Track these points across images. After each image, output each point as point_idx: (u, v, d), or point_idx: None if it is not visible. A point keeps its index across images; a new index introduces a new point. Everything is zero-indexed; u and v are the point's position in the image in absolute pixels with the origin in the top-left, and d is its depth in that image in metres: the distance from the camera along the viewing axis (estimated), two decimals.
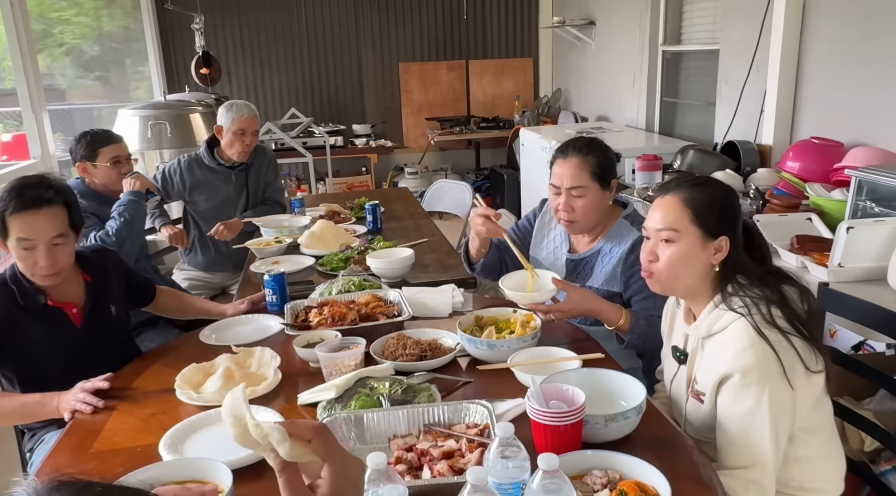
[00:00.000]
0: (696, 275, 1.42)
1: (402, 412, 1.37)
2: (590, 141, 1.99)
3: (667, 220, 1.42)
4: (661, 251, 1.43)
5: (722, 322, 1.37)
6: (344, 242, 2.66)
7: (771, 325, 1.30)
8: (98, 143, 2.58)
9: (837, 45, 3.04)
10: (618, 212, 2.05)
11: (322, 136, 5.76)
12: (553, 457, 0.93)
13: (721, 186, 1.45)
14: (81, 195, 2.51)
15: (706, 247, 1.40)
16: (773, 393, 1.27)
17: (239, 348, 1.74)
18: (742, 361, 1.29)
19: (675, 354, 1.52)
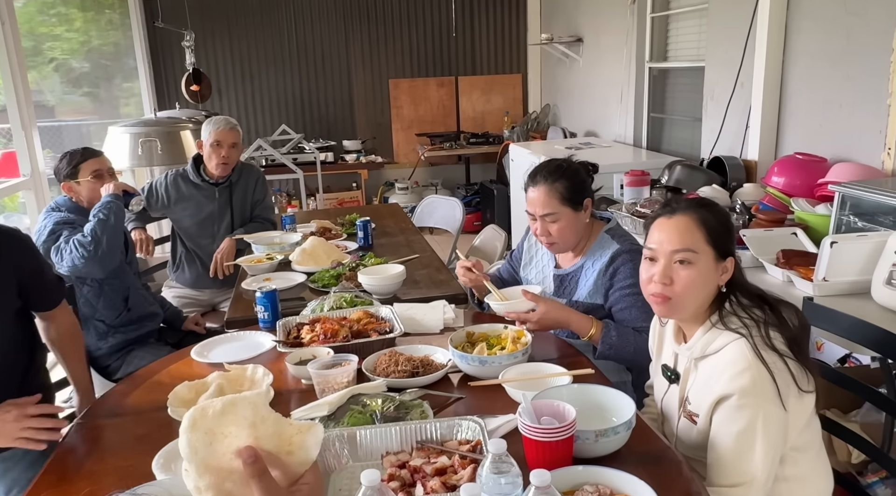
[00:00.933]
0: (707, 298, 1.41)
1: (395, 429, 1.38)
2: (556, 166, 1.99)
3: (683, 241, 1.38)
4: (676, 274, 1.39)
5: (718, 342, 1.37)
6: (335, 259, 2.67)
7: (769, 348, 1.31)
8: (78, 160, 2.58)
9: (819, 62, 3.10)
10: (600, 226, 2.08)
11: (312, 152, 5.79)
12: (545, 473, 0.95)
13: (721, 207, 1.48)
14: (69, 211, 2.52)
15: (717, 268, 1.40)
16: (767, 415, 1.28)
17: (231, 366, 1.74)
18: (739, 382, 1.29)
19: (665, 373, 1.53)
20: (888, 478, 2.05)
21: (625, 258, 1.95)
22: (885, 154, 2.75)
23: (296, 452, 0.84)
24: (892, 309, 1.98)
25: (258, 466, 0.80)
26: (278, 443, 0.83)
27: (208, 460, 0.80)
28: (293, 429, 0.84)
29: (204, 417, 0.81)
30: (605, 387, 1.45)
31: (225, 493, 0.81)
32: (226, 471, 0.81)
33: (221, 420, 0.81)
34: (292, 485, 0.84)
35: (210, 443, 0.80)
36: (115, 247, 2.50)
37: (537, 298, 1.83)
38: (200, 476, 0.80)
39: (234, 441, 0.81)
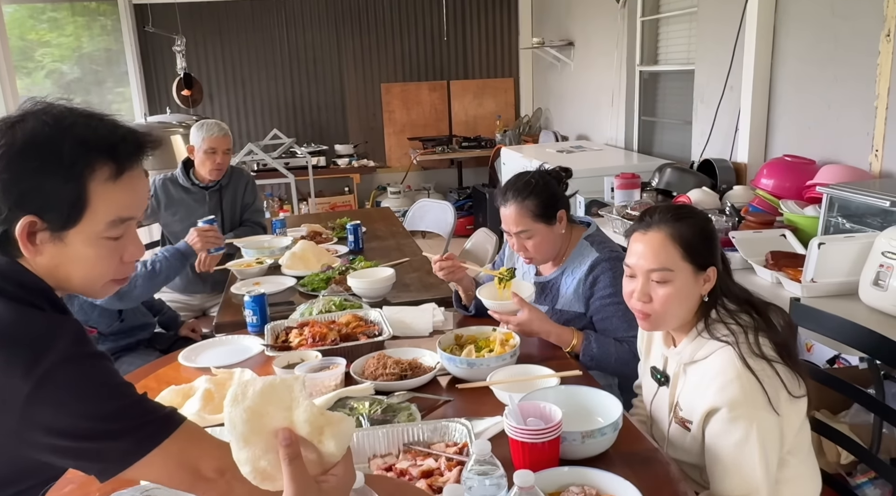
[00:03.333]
0: (690, 310, 1.41)
1: (382, 431, 1.38)
2: (525, 183, 1.95)
3: (658, 260, 1.38)
4: (654, 292, 1.39)
5: (705, 349, 1.36)
6: (325, 263, 2.67)
7: (757, 356, 1.30)
8: None
9: (807, 65, 3.12)
10: (580, 232, 2.05)
11: (304, 156, 5.78)
12: (528, 474, 0.94)
13: (699, 214, 1.44)
14: None
15: (697, 280, 1.39)
16: (761, 424, 1.27)
17: (218, 370, 1.74)
18: (728, 394, 1.28)
19: (654, 375, 1.53)
20: (877, 478, 2.05)
21: (604, 266, 1.92)
22: (873, 156, 2.76)
23: (326, 443, 0.85)
24: (879, 309, 1.99)
25: (292, 450, 0.82)
26: (310, 431, 0.85)
27: (247, 435, 0.84)
28: (324, 419, 0.86)
29: (245, 395, 0.85)
30: (591, 388, 1.45)
31: (260, 471, 0.84)
32: (261, 450, 0.84)
33: (260, 399, 0.85)
34: (322, 474, 0.86)
35: (248, 420, 0.84)
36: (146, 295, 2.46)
37: (523, 303, 1.82)
38: (240, 449, 0.84)
39: (270, 421, 0.85)
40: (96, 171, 0.97)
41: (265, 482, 0.85)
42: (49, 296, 1.00)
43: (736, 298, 1.40)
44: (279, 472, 0.83)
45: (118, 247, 1.02)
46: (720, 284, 1.40)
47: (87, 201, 0.97)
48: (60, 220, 0.96)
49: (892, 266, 1.95)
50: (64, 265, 0.99)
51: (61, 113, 0.98)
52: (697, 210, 1.47)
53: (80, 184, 0.96)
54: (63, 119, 0.97)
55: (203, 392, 1.60)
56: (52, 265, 0.99)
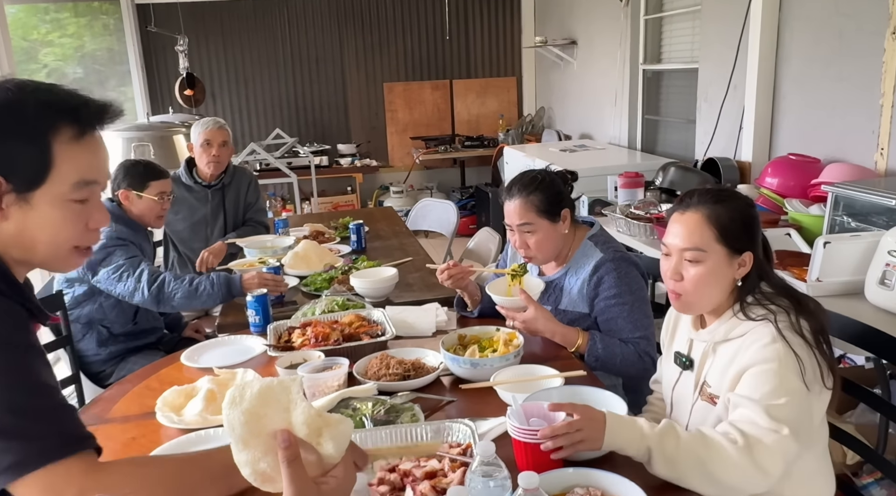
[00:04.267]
0: (722, 293, 1.40)
1: (385, 432, 1.37)
2: (532, 178, 1.95)
3: (692, 240, 1.37)
4: (686, 271, 1.39)
5: (741, 329, 1.35)
6: (328, 262, 2.66)
7: (795, 332, 1.29)
8: (152, 176, 2.55)
9: (812, 64, 3.11)
10: (584, 233, 2.03)
11: (307, 156, 5.77)
12: (533, 476, 0.93)
13: (741, 198, 1.42)
14: (116, 219, 2.46)
15: (731, 263, 1.38)
16: (792, 386, 1.25)
17: (221, 370, 1.73)
18: (764, 353, 1.27)
19: (678, 360, 1.51)
20: (883, 479, 2.04)
21: (609, 267, 1.90)
22: (878, 154, 2.75)
23: (324, 444, 0.85)
24: (885, 309, 1.98)
25: (291, 451, 0.82)
26: (308, 433, 0.85)
27: (245, 437, 0.84)
28: (322, 421, 0.86)
29: (242, 397, 0.85)
30: (596, 388, 1.44)
31: (259, 472, 0.85)
32: (261, 452, 0.84)
33: (258, 401, 0.85)
34: (321, 475, 0.86)
35: (246, 423, 0.84)
36: (181, 309, 2.47)
37: (530, 301, 1.81)
38: (240, 451, 0.85)
39: (269, 423, 0.85)
40: (59, 131, 0.99)
41: (265, 484, 0.85)
42: (4, 275, 1.00)
43: (774, 285, 1.37)
44: (279, 474, 0.83)
45: (83, 211, 1.03)
46: (758, 270, 1.38)
47: (51, 161, 0.98)
48: (26, 180, 0.97)
49: None
50: (30, 230, 0.99)
51: (23, 82, 1.01)
52: (740, 194, 1.43)
53: (43, 144, 0.97)
54: (25, 86, 0.99)
55: (206, 392, 1.59)
56: (18, 231, 0.99)
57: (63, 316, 2.31)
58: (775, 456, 1.22)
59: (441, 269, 2.05)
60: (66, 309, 2.35)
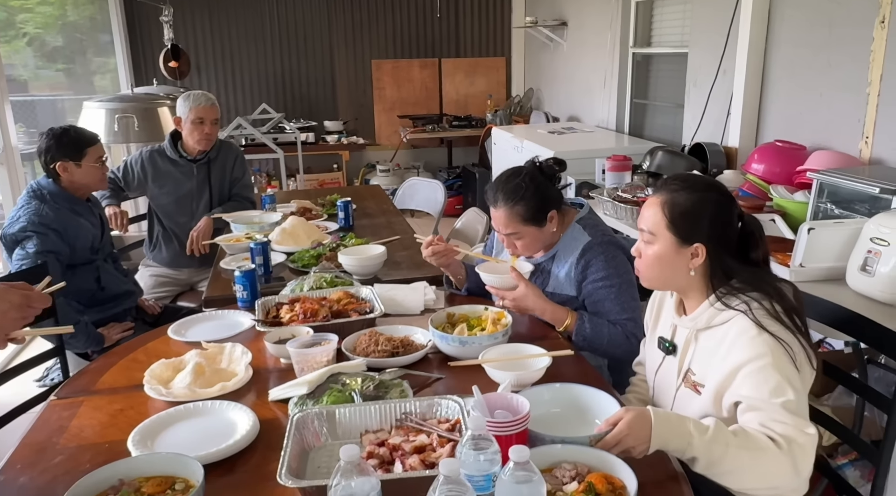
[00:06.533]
0: (675, 277, 1.43)
1: (374, 407, 1.38)
2: (515, 187, 1.90)
3: (646, 223, 1.44)
4: (644, 250, 1.46)
5: (722, 316, 1.37)
6: (315, 239, 2.65)
7: (774, 319, 1.31)
8: (85, 142, 2.48)
9: (801, 50, 3.12)
10: (573, 215, 2.02)
11: (293, 132, 5.72)
12: (524, 450, 0.95)
13: (708, 192, 1.41)
14: (53, 197, 2.44)
15: (681, 252, 1.40)
16: (789, 374, 1.28)
17: (209, 344, 1.73)
18: (754, 349, 1.29)
19: (661, 345, 1.54)
20: (857, 460, 2.09)
21: (596, 251, 1.91)
22: (863, 143, 2.78)
23: None
24: (865, 295, 2.02)
25: None
26: None
27: None
28: None
29: None
30: (589, 387, 1.42)
31: None
32: None
33: None
34: None
35: None
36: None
37: (521, 279, 1.83)
38: None
39: None
40: None
41: None
42: None
43: (744, 281, 1.38)
44: None
45: None
46: (721, 265, 1.39)
47: None
48: None
49: (881, 252, 1.98)
50: None
51: None
52: (712, 187, 1.43)
53: None
54: None
55: (194, 366, 1.59)
56: None
57: None
58: (808, 455, 1.24)
59: (426, 243, 2.04)
60: None
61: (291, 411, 1.43)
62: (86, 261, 2.52)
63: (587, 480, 1.10)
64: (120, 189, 3.12)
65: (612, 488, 1.09)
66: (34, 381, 3.12)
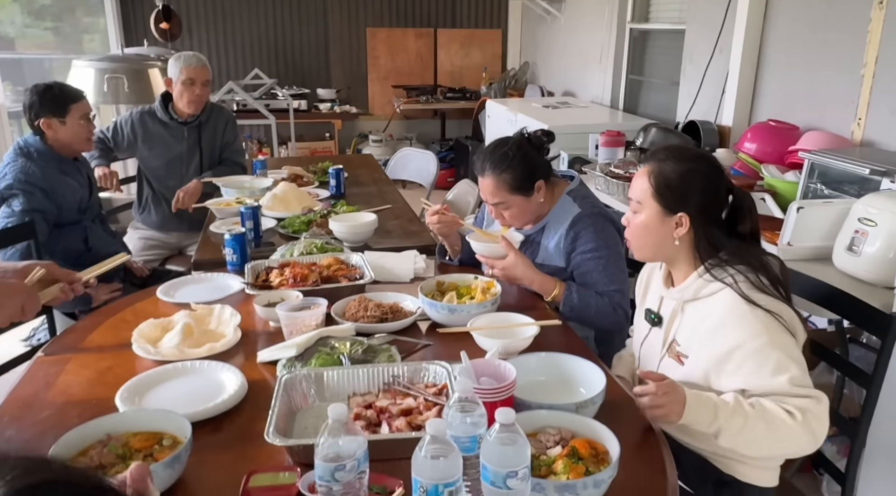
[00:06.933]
0: (661, 246, 1.44)
1: (362, 371, 1.39)
2: (502, 155, 1.89)
3: (634, 192, 1.46)
4: (632, 219, 1.48)
5: (709, 289, 1.38)
6: (306, 206, 2.64)
7: (760, 291, 1.33)
8: (69, 99, 2.44)
9: (799, 29, 3.11)
10: (563, 187, 2.02)
11: (286, 98, 5.66)
12: (510, 412, 0.96)
13: (695, 162, 1.42)
14: (40, 155, 2.41)
15: (665, 221, 1.41)
16: (785, 346, 1.30)
17: (198, 306, 1.73)
18: (746, 328, 1.30)
19: (648, 316, 1.55)
20: (834, 437, 2.14)
21: (586, 222, 1.91)
22: (856, 124, 2.79)
23: None
24: (850, 274, 2.04)
25: None
26: None
27: None
28: None
29: None
30: (575, 357, 1.43)
31: None
32: None
33: None
34: None
35: None
36: None
37: (511, 248, 1.83)
38: None
39: None
40: None
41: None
42: None
43: (731, 253, 1.39)
44: None
45: None
46: (706, 237, 1.40)
47: None
48: None
49: (867, 232, 1.99)
50: None
51: None
52: (701, 159, 1.44)
53: None
54: None
55: (182, 326, 1.59)
56: None
57: (35, 246, 2.28)
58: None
59: (432, 211, 2.05)
60: (37, 241, 2.30)
61: (280, 373, 1.44)
62: (73, 221, 2.50)
63: (571, 445, 1.11)
64: (109, 149, 3.08)
65: (594, 453, 1.11)
66: (20, 341, 3.12)
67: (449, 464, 0.93)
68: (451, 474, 0.93)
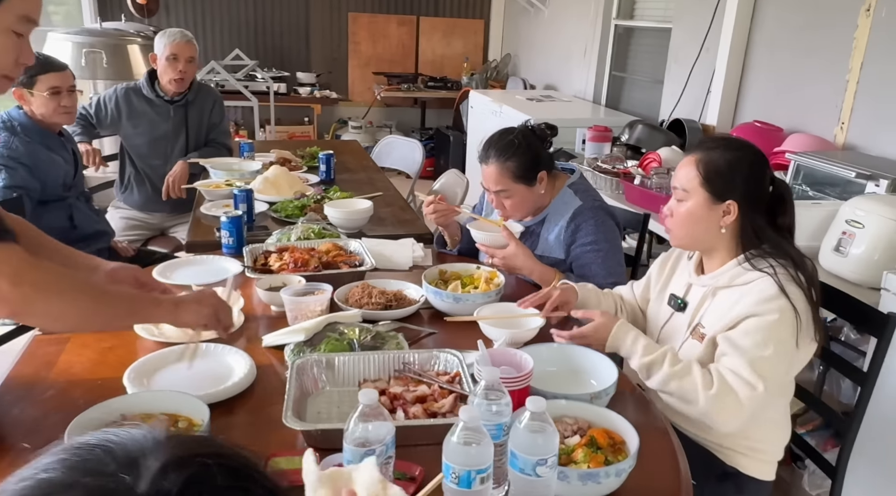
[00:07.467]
0: (706, 234, 1.46)
1: (374, 357, 1.39)
2: (508, 143, 1.91)
3: (679, 180, 1.47)
4: (676, 208, 1.48)
5: (745, 277, 1.40)
6: (298, 190, 2.62)
7: (797, 285, 1.36)
8: (35, 70, 2.33)
9: (784, 32, 3.18)
10: (563, 180, 2.04)
11: (266, 81, 5.57)
12: (541, 400, 0.97)
13: (743, 151, 1.44)
14: (24, 129, 2.34)
15: (713, 209, 1.43)
16: (781, 337, 1.34)
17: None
18: (768, 306, 1.34)
19: (672, 301, 1.58)
20: (815, 430, 2.21)
21: (587, 215, 1.94)
22: (839, 128, 2.86)
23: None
24: (837, 274, 2.10)
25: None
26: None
27: None
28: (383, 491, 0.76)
29: None
30: (587, 349, 1.45)
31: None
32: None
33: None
34: None
35: None
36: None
37: (511, 238, 1.84)
38: None
39: None
40: None
41: None
42: None
43: (774, 245, 1.42)
44: None
45: (18, 45, 1.15)
46: (753, 226, 1.42)
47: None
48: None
49: (855, 234, 2.06)
50: None
51: None
52: (747, 149, 1.46)
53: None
54: None
55: None
56: None
57: None
58: (742, 410, 1.32)
59: (429, 202, 2.05)
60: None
61: (289, 358, 1.43)
62: (58, 198, 2.44)
63: (589, 434, 1.13)
64: (91, 126, 3.00)
65: (612, 442, 1.13)
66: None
67: (481, 450, 0.93)
68: (483, 461, 0.93)
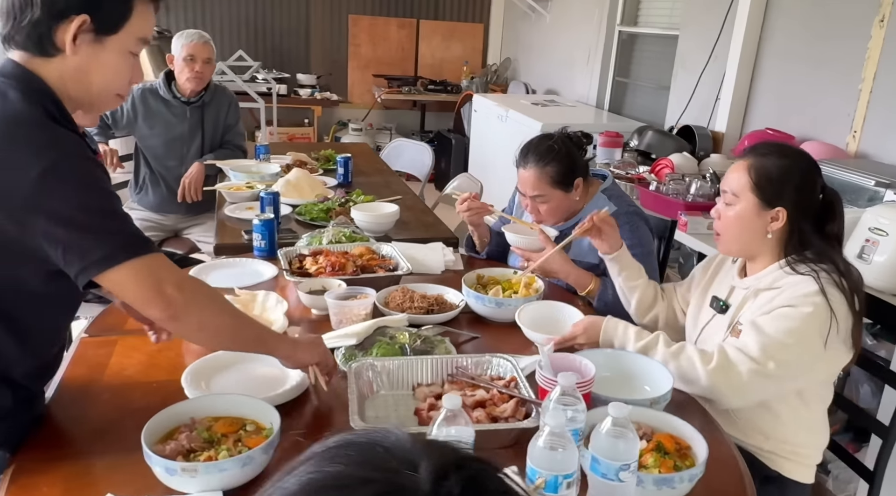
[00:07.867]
0: (752, 240, 1.48)
1: (426, 361, 1.40)
2: (548, 148, 1.93)
3: (730, 184, 1.49)
4: (724, 212, 1.51)
5: (787, 280, 1.42)
6: (319, 193, 2.61)
7: (839, 290, 1.37)
8: None
9: (795, 43, 3.22)
10: (597, 186, 2.06)
11: (269, 82, 5.55)
12: (624, 407, 0.98)
13: (795, 159, 1.47)
14: None
15: (761, 214, 1.45)
16: (809, 333, 1.35)
17: (242, 291, 1.70)
18: (804, 300, 1.36)
19: (714, 303, 1.60)
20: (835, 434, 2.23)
21: (622, 220, 1.92)
22: (851, 136, 2.91)
23: None
24: None
25: None
26: None
27: None
28: None
29: None
30: (641, 356, 1.46)
31: None
32: None
33: None
34: None
35: None
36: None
37: (548, 241, 1.85)
38: None
39: None
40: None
41: None
42: (58, 106, 1.10)
43: (818, 253, 1.43)
44: None
45: (133, 65, 1.17)
46: (799, 234, 1.45)
47: (131, 13, 1.12)
48: (107, 24, 1.10)
49: (878, 241, 2.09)
50: (92, 69, 1.11)
51: None
52: (799, 155, 1.49)
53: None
54: None
55: None
56: (80, 67, 1.10)
57: None
58: (744, 384, 1.35)
59: (463, 198, 2.05)
60: None
61: (341, 361, 1.43)
62: None
63: (656, 440, 1.14)
64: (107, 126, 2.98)
65: (678, 447, 1.14)
66: None
67: (567, 455, 0.95)
68: (569, 466, 0.95)
